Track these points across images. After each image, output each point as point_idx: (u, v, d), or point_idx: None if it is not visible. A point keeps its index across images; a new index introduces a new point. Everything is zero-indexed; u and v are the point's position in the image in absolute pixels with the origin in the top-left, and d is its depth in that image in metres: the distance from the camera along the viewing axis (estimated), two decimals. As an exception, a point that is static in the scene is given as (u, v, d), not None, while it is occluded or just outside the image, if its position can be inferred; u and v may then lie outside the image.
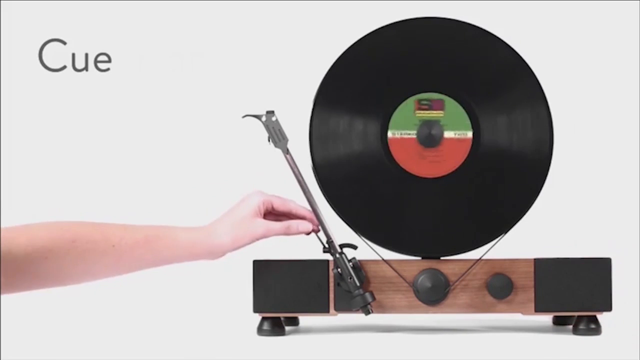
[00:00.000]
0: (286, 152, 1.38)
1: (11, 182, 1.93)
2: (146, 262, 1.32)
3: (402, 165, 1.40)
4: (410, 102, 1.40)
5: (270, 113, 1.38)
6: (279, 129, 1.38)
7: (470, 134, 1.40)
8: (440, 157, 1.40)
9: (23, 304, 1.68)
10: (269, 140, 1.38)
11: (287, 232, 1.38)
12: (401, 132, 1.40)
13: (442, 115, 1.40)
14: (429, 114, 1.40)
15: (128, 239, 1.29)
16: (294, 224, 1.38)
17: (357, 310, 1.37)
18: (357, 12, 1.90)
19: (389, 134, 1.40)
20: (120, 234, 1.29)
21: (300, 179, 1.38)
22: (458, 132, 1.40)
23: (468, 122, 1.40)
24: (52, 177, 1.94)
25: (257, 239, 1.36)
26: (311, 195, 1.38)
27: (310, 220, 1.39)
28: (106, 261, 1.28)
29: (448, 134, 1.40)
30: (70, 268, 1.25)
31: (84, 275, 1.28)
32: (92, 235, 1.27)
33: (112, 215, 1.90)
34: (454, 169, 1.40)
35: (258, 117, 1.38)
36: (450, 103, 1.40)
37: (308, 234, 1.39)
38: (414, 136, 1.40)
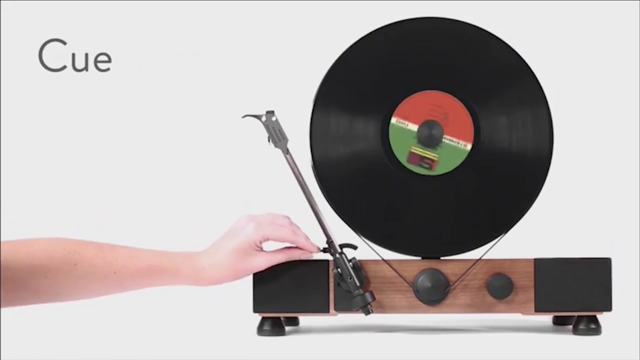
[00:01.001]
0: (286, 152, 1.38)
1: (11, 182, 1.93)
2: (146, 287, 1.34)
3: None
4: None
5: (270, 113, 1.38)
6: (279, 129, 1.38)
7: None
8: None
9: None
10: (269, 140, 1.38)
11: (288, 260, 1.38)
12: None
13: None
14: (430, 154, 1.40)
15: (130, 267, 1.29)
16: (295, 254, 1.38)
17: (357, 310, 1.37)
18: (357, 12, 1.90)
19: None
20: (123, 262, 1.29)
21: (300, 179, 1.38)
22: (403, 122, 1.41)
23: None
24: (52, 177, 1.94)
25: (258, 271, 1.37)
26: (311, 195, 1.38)
27: (309, 248, 1.39)
28: (106, 285, 1.29)
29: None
30: (69, 288, 1.26)
31: (82, 295, 1.29)
32: (94, 260, 1.27)
33: (111, 215, 1.91)
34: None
35: (258, 117, 1.38)
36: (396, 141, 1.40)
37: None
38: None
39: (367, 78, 1.42)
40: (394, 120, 1.40)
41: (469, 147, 1.40)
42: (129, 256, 1.30)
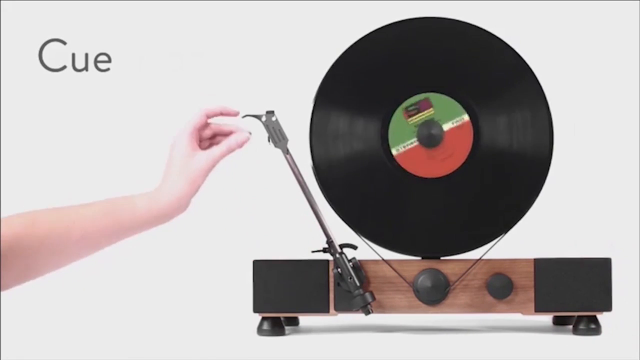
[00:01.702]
0: (286, 152, 1.38)
1: (10, 182, 1.93)
2: (110, 234, 1.29)
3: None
4: (399, 112, 1.40)
5: (270, 113, 1.38)
6: (279, 129, 1.38)
7: (466, 117, 1.40)
8: (447, 151, 1.40)
9: (23, 304, 1.68)
10: (269, 140, 1.38)
11: (230, 151, 1.36)
12: (404, 145, 1.40)
13: (432, 112, 1.40)
14: (420, 116, 1.40)
15: (87, 213, 1.27)
16: (232, 141, 1.36)
17: (357, 310, 1.37)
18: (357, 12, 1.90)
19: (393, 151, 1.40)
20: (78, 210, 1.27)
21: (300, 179, 1.38)
22: (455, 120, 1.40)
23: (459, 107, 1.40)
24: (52, 177, 1.94)
25: (209, 171, 1.34)
26: (311, 195, 1.38)
27: (238, 127, 1.36)
28: (70, 238, 1.25)
29: (447, 126, 1.40)
30: (35, 254, 1.22)
31: (51, 260, 1.25)
32: (50, 216, 1.24)
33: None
34: (463, 159, 1.40)
35: (258, 117, 1.38)
36: (435, 98, 1.40)
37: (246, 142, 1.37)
38: (416, 142, 1.40)
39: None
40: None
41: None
42: (84, 205, 1.28)
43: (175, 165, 1.33)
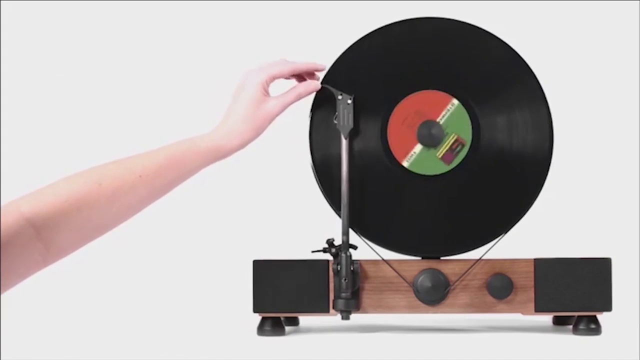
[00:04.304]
0: (346, 137, 1.38)
1: (11, 183, 1.93)
2: (176, 180, 1.29)
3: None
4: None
5: (348, 95, 1.38)
6: (349, 114, 1.38)
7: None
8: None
9: (23, 303, 1.68)
10: (334, 118, 1.39)
11: (299, 98, 1.37)
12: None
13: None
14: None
15: (151, 165, 1.25)
16: (302, 89, 1.37)
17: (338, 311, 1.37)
18: (357, 12, 1.90)
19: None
20: (142, 162, 1.26)
21: (346, 167, 1.38)
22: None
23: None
24: (52, 177, 1.94)
25: (275, 118, 1.35)
26: (347, 188, 1.37)
27: (313, 74, 1.38)
28: (137, 193, 1.24)
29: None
30: (104, 211, 1.21)
31: (120, 214, 1.24)
32: (116, 172, 1.23)
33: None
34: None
35: (336, 93, 1.38)
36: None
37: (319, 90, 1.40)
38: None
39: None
40: (405, 164, 1.40)
41: (455, 101, 1.40)
42: (147, 156, 1.27)
43: (242, 109, 1.33)
